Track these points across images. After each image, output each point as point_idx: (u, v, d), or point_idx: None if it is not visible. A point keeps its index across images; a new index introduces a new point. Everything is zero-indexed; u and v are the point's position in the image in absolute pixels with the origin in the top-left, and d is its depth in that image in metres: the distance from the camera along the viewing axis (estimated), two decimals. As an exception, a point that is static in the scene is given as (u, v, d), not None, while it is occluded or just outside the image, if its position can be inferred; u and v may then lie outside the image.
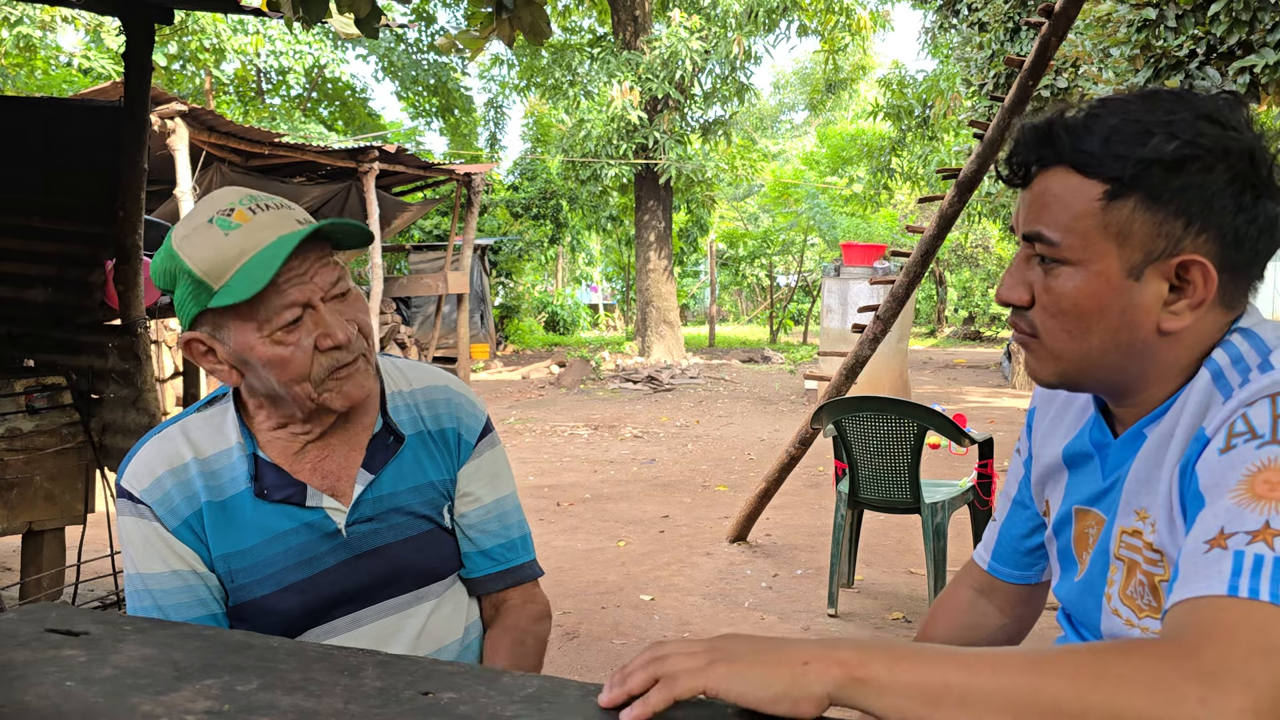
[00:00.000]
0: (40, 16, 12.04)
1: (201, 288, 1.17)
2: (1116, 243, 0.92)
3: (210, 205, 1.20)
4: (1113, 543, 1.00)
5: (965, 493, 3.91)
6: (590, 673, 3.23)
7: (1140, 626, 0.96)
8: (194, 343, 1.22)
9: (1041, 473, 1.16)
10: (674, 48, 13.65)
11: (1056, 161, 0.95)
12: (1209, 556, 0.76)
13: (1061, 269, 0.95)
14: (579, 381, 12.48)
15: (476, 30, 2.85)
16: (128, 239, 3.34)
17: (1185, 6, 5.12)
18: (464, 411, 1.39)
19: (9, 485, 3.22)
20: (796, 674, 0.73)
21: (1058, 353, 0.98)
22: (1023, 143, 0.98)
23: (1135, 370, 0.97)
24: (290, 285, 1.17)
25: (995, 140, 4.23)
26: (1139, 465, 0.97)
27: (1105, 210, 0.92)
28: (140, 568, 1.24)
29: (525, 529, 1.44)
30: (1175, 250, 0.91)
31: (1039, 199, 0.96)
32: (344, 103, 21.84)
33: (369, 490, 1.30)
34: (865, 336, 4.60)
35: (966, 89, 9.59)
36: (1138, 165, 0.90)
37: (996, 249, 21.68)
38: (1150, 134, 0.90)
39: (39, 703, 0.76)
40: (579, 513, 5.73)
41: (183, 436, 1.27)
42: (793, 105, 34.94)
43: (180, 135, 8.07)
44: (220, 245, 1.15)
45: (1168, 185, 0.90)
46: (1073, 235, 0.93)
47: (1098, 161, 0.92)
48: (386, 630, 1.29)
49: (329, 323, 1.20)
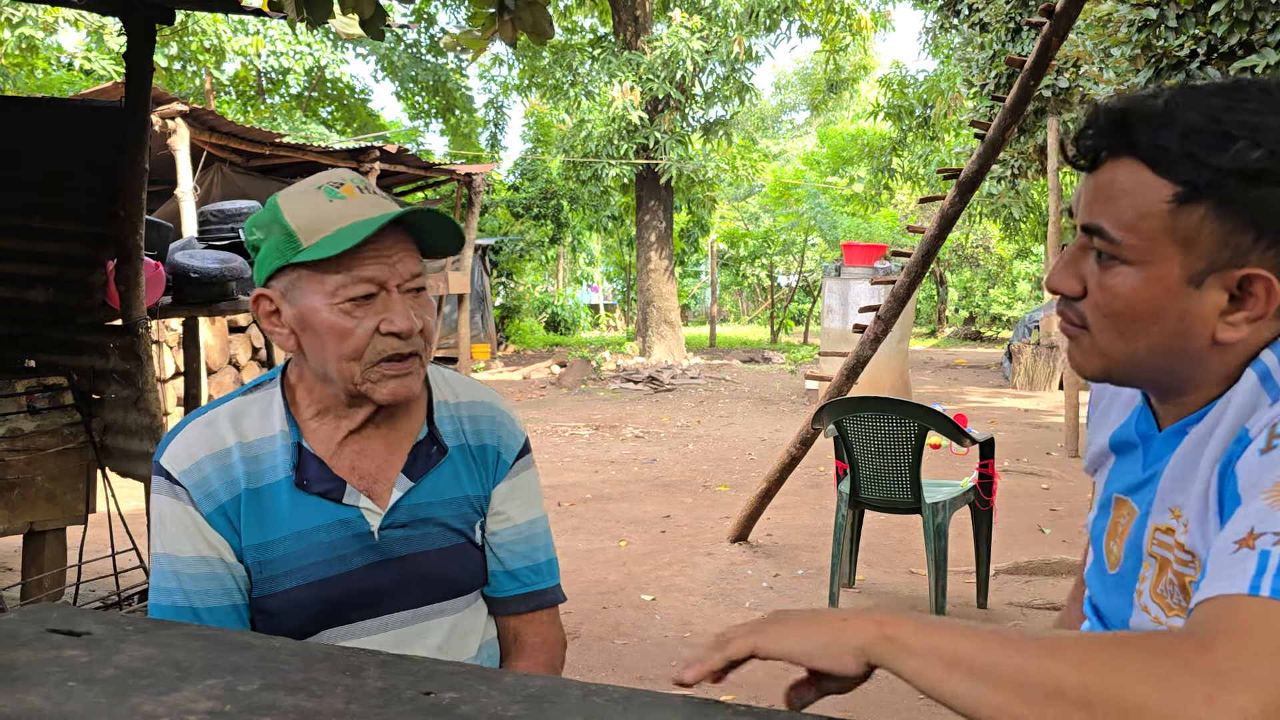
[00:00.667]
0: (43, 18, 12.05)
1: (291, 241, 1.20)
2: (1181, 248, 0.88)
3: (323, 176, 1.26)
4: (1146, 540, 0.99)
5: (966, 493, 3.91)
6: (591, 673, 3.23)
7: (1168, 625, 0.95)
8: (263, 299, 1.25)
9: (1094, 457, 1.15)
10: (675, 48, 13.65)
11: (1129, 152, 0.90)
12: (1236, 556, 0.75)
13: (1120, 267, 0.91)
14: (580, 382, 12.48)
15: (478, 31, 2.85)
16: (129, 239, 3.34)
17: (1186, 6, 5.12)
18: (505, 430, 1.39)
19: (10, 485, 3.23)
20: (836, 630, 0.79)
21: (1105, 350, 0.95)
22: (1094, 125, 0.93)
23: (1182, 375, 0.94)
24: (372, 261, 1.20)
25: (996, 140, 4.23)
26: (1176, 462, 0.96)
27: (1174, 214, 0.87)
28: (169, 549, 1.24)
29: (552, 554, 1.43)
30: (1241, 262, 0.87)
31: (1105, 190, 0.92)
32: (345, 103, 21.85)
33: (407, 497, 1.29)
34: (866, 337, 4.60)
35: (967, 89, 9.59)
36: (1215, 173, 0.85)
37: (997, 249, 21.68)
38: (1232, 138, 0.85)
39: (41, 703, 0.76)
40: (580, 513, 5.73)
41: (227, 421, 1.27)
42: (794, 105, 34.95)
43: (181, 135, 8.07)
44: (321, 208, 1.21)
45: (1243, 196, 0.85)
46: (1135, 235, 0.89)
47: (1172, 161, 0.87)
48: (405, 638, 1.29)
49: (397, 308, 1.21)
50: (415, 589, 1.30)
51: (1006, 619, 3.83)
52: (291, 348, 1.26)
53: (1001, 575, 4.35)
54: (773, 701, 3.10)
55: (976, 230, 19.94)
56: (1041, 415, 9.74)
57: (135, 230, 3.35)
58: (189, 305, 4.19)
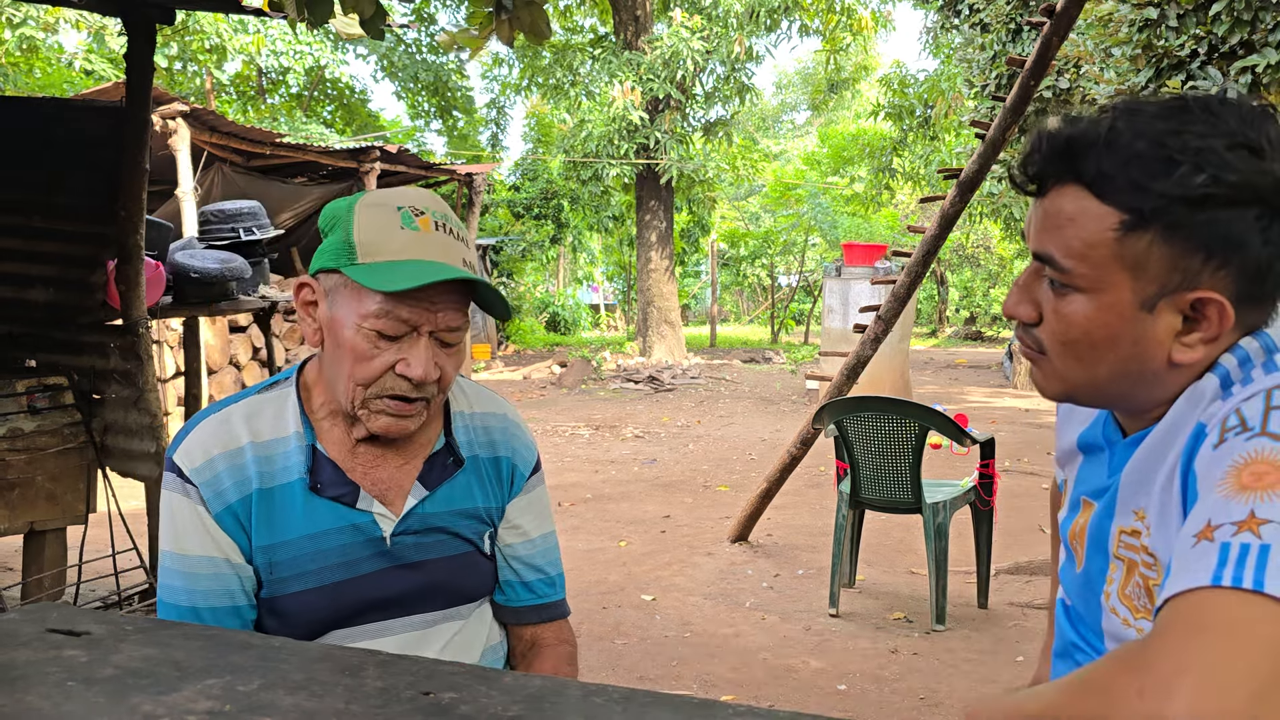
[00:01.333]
0: (45, 18, 12.05)
1: (348, 250, 1.18)
2: (1131, 274, 0.88)
3: (408, 196, 1.22)
4: (1111, 542, 0.99)
5: (967, 493, 3.91)
6: (592, 673, 3.23)
7: (1136, 627, 0.96)
8: (307, 287, 1.24)
9: (1063, 453, 1.16)
10: (675, 48, 13.65)
11: (1074, 179, 0.90)
12: (1196, 550, 0.74)
13: (1072, 295, 0.92)
14: (580, 382, 12.48)
15: (476, 30, 2.85)
16: (129, 239, 3.34)
17: (1187, 6, 5.11)
18: (519, 443, 1.40)
19: (11, 485, 3.23)
20: None
21: (1064, 375, 0.96)
22: (1039, 152, 0.93)
23: (1141, 396, 0.95)
24: (414, 305, 1.17)
25: (997, 140, 4.23)
26: (1134, 466, 0.97)
27: (1121, 241, 0.88)
28: (176, 546, 1.24)
29: (560, 567, 1.45)
30: (1192, 284, 0.87)
31: (1052, 218, 0.92)
32: (345, 103, 21.85)
33: (421, 505, 1.29)
34: (867, 336, 4.60)
35: (968, 89, 9.59)
36: (1160, 199, 0.85)
37: (998, 249, 21.68)
38: (1175, 164, 0.85)
39: (40, 703, 0.76)
40: (580, 513, 5.73)
41: (241, 419, 1.26)
42: (794, 105, 34.96)
43: (182, 135, 8.07)
44: (390, 232, 1.18)
45: (1190, 220, 0.85)
46: (1085, 263, 0.89)
47: (1116, 189, 0.87)
48: (410, 644, 1.29)
49: (419, 355, 1.19)
50: (424, 596, 1.30)
51: (1007, 619, 3.83)
52: (316, 342, 1.25)
53: (1002, 575, 4.35)
54: (773, 702, 3.11)
55: (977, 230, 19.95)
56: (1042, 415, 9.74)
57: (136, 230, 3.35)
58: (189, 305, 4.19)
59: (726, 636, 3.66)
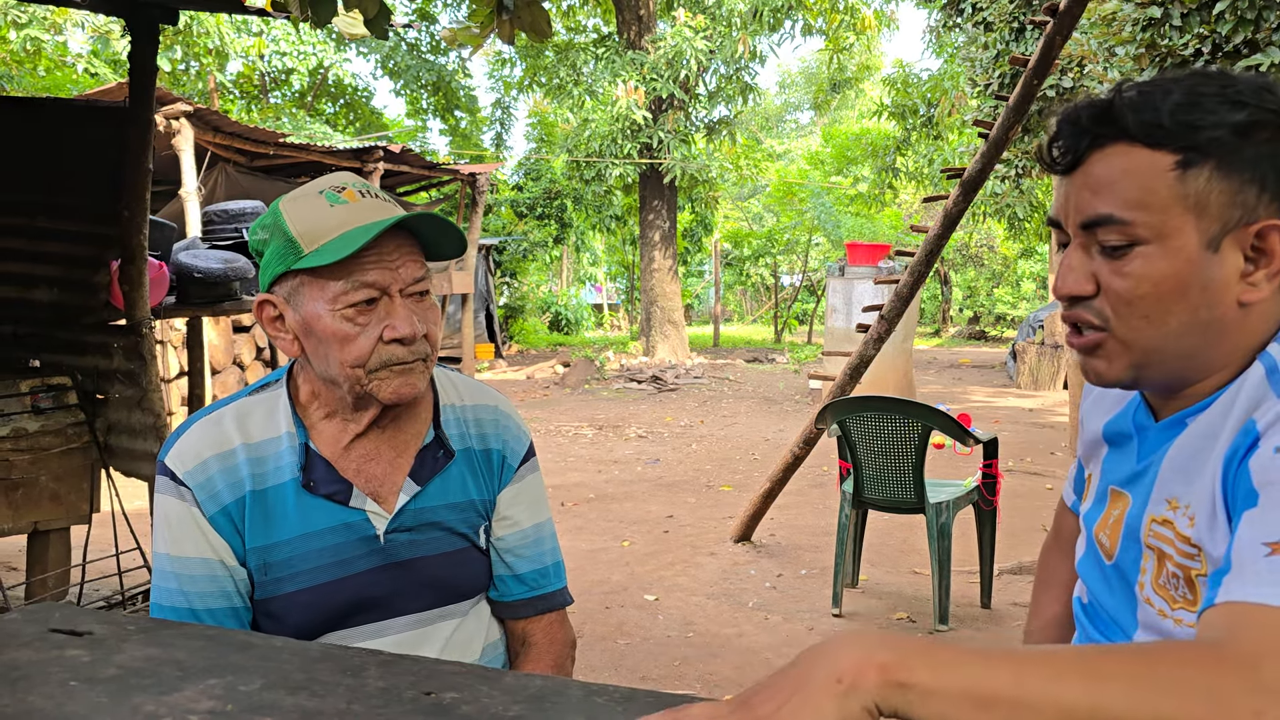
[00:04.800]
0: (51, 19, 12.06)
1: (292, 248, 1.20)
2: (1195, 214, 0.89)
3: (325, 180, 1.25)
4: (1143, 531, 0.98)
5: (970, 493, 3.91)
6: (594, 673, 3.23)
7: (1174, 618, 0.94)
8: (266, 305, 1.24)
9: (1087, 444, 1.15)
10: (679, 47, 13.64)
11: (1117, 138, 0.91)
12: (1270, 561, 0.74)
13: (1135, 251, 0.91)
14: (583, 381, 12.48)
15: (476, 28, 2.85)
16: (133, 239, 3.35)
17: (1190, 5, 5.10)
18: (510, 434, 1.39)
19: (15, 485, 3.23)
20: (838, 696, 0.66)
21: (1131, 341, 0.94)
22: (1073, 124, 0.94)
23: (1208, 353, 0.93)
24: (374, 266, 1.19)
25: (1000, 140, 4.22)
26: (1176, 454, 0.95)
27: (1181, 180, 0.89)
28: (171, 549, 1.24)
29: (558, 556, 1.43)
30: (1251, 218, 0.89)
31: (1101, 180, 0.92)
32: (348, 102, 21.86)
33: (413, 501, 1.29)
34: (870, 336, 4.60)
35: (971, 88, 9.57)
36: (1212, 130, 0.88)
37: (1001, 248, 21.65)
38: (1215, 103, 0.89)
39: (43, 702, 0.76)
40: (583, 513, 5.73)
41: (233, 421, 1.27)
42: (798, 105, 34.92)
43: (185, 135, 8.08)
44: (322, 214, 1.20)
45: (1240, 152, 0.88)
46: (1147, 211, 0.90)
47: (1166, 133, 0.89)
48: (408, 643, 1.28)
49: (400, 314, 1.20)
50: (419, 593, 1.30)
51: (1010, 619, 3.83)
52: (295, 353, 1.26)
53: (1005, 575, 4.34)
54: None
55: (981, 230, 19.90)
56: (1045, 415, 9.72)
57: (139, 230, 3.36)
58: (193, 305, 4.20)
59: (729, 636, 3.66)
